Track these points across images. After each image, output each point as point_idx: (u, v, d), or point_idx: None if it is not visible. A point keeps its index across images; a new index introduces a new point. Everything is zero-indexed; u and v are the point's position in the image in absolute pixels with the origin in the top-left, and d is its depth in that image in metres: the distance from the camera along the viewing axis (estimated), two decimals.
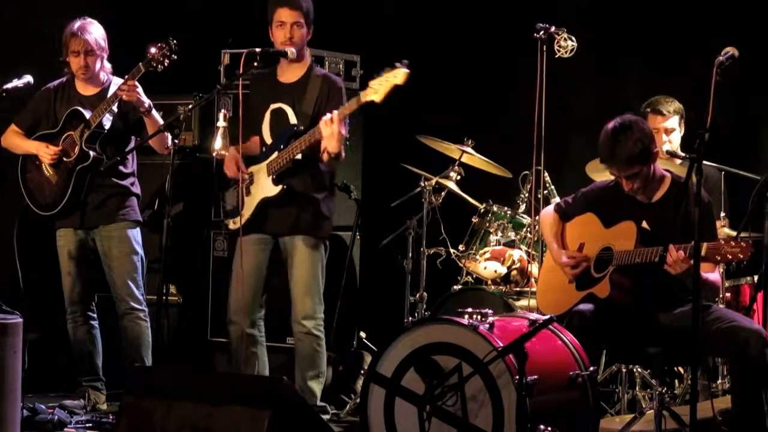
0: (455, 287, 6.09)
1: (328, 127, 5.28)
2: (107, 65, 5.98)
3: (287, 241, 5.59)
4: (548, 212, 5.28)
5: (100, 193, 5.89)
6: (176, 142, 5.24)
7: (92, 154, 5.80)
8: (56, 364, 6.38)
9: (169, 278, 6.32)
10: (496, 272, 5.98)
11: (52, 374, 6.33)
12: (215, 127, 5.45)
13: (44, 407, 5.52)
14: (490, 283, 6.03)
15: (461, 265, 6.17)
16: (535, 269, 5.92)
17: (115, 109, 5.82)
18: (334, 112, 5.31)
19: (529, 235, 6.01)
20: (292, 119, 5.57)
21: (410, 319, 6.14)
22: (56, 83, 6.03)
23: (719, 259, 4.50)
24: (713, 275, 4.85)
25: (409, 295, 6.21)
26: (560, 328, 4.58)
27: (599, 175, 5.61)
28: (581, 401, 4.42)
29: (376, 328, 6.65)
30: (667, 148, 5.75)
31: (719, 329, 4.66)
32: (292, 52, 5.52)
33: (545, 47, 5.51)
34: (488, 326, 4.25)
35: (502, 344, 4.14)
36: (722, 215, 5.55)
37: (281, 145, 5.53)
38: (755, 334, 4.61)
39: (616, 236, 4.89)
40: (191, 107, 5.70)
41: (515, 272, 5.97)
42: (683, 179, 4.46)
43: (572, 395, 4.40)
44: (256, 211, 5.58)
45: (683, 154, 5.64)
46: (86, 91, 5.95)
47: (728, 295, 5.62)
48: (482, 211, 6.19)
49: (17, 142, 6.01)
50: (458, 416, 4.20)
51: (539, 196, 5.68)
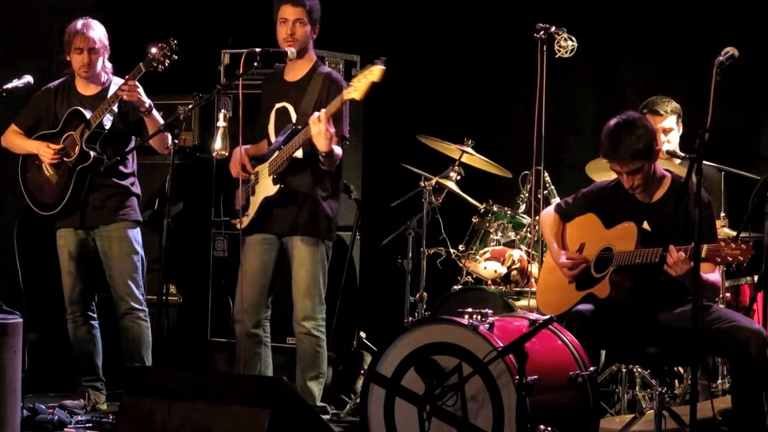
0: (455, 287, 6.09)
1: (315, 125, 5.28)
2: (108, 65, 5.98)
3: (288, 241, 5.59)
4: (548, 212, 5.28)
5: (100, 193, 5.89)
6: (176, 142, 5.23)
7: (93, 154, 5.80)
8: (56, 364, 6.38)
9: (169, 278, 6.32)
10: (496, 272, 5.98)
11: (52, 374, 6.33)
12: (215, 127, 5.46)
13: (44, 407, 5.52)
14: (490, 283, 6.03)
15: (461, 265, 6.17)
16: (535, 269, 5.91)
17: (115, 109, 5.82)
18: (321, 110, 5.30)
19: (529, 235, 6.00)
20: (293, 118, 5.57)
21: (410, 319, 6.14)
22: (56, 83, 6.03)
23: (719, 260, 4.50)
24: (714, 275, 4.85)
25: (409, 295, 6.21)
26: (560, 328, 4.58)
27: (599, 175, 5.60)
28: (581, 401, 4.42)
29: (376, 328, 6.65)
30: (666, 147, 5.75)
31: (719, 329, 4.66)
32: (291, 52, 5.51)
33: (545, 47, 5.51)
34: (488, 326, 4.25)
35: (502, 344, 4.14)
36: (722, 215, 5.56)
37: (281, 144, 5.53)
38: (755, 334, 4.61)
39: (616, 237, 4.89)
40: (191, 107, 5.70)
41: (515, 272, 5.97)
42: (683, 179, 4.46)
43: (572, 395, 4.40)
44: (258, 210, 5.57)
45: (683, 153, 5.64)
46: (86, 91, 5.95)
47: (728, 295, 5.62)
48: (482, 211, 6.18)
49: (17, 141, 6.00)
50: (458, 416, 4.20)
51: (539, 196, 5.67)
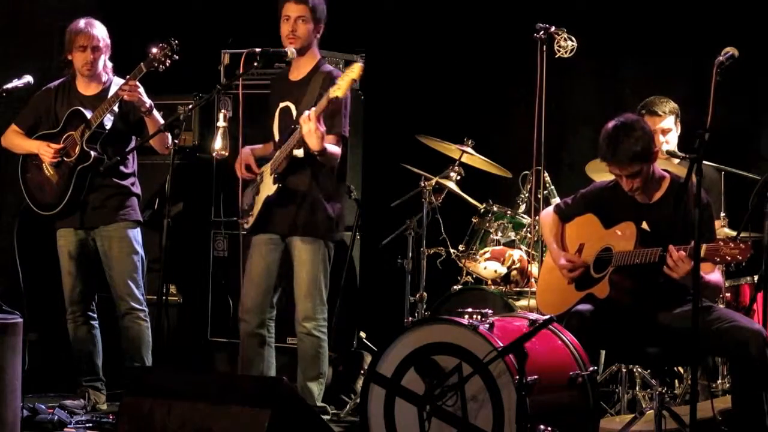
0: (455, 287, 6.09)
1: (305, 124, 5.27)
2: (109, 64, 5.98)
3: (290, 241, 5.58)
4: (548, 213, 5.28)
5: (100, 193, 5.89)
6: (176, 142, 5.23)
7: (93, 154, 5.80)
8: (56, 364, 6.38)
9: (169, 278, 6.33)
10: (496, 272, 5.97)
11: (52, 374, 6.33)
12: (215, 127, 5.46)
13: (44, 407, 5.52)
14: (490, 283, 6.03)
15: (461, 265, 6.17)
16: (535, 269, 5.91)
17: (116, 109, 5.82)
18: (311, 109, 5.29)
19: (529, 235, 6.00)
20: (295, 117, 5.55)
21: (410, 319, 6.14)
22: (57, 83, 6.03)
23: (718, 260, 4.50)
24: (715, 276, 4.84)
25: (409, 295, 6.20)
26: (560, 328, 4.58)
27: (599, 175, 5.60)
28: (581, 401, 4.42)
29: (376, 328, 6.65)
30: (665, 148, 5.75)
31: (719, 329, 4.65)
32: (291, 52, 5.50)
33: (545, 47, 5.51)
34: (488, 326, 4.25)
35: (502, 344, 4.14)
36: (722, 215, 5.56)
37: (282, 143, 5.53)
38: (755, 334, 4.61)
39: (615, 237, 4.89)
40: (191, 107, 5.70)
41: (515, 272, 5.97)
42: (682, 179, 4.46)
43: (572, 395, 4.40)
44: (261, 210, 5.57)
45: (682, 154, 5.64)
46: (87, 90, 5.95)
47: (728, 295, 5.61)
48: (482, 211, 6.18)
49: (18, 141, 6.00)
50: (458, 416, 4.20)
51: (539, 196, 5.68)
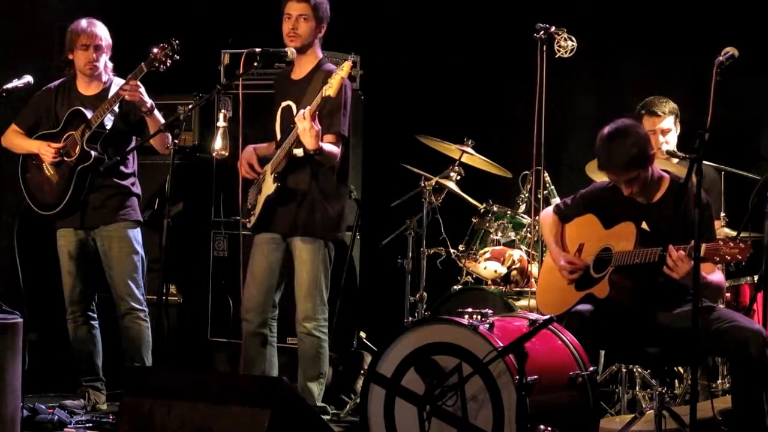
0: (455, 287, 6.08)
1: (300, 123, 5.27)
2: (109, 65, 5.97)
3: (291, 241, 5.58)
4: (548, 214, 5.28)
5: (100, 193, 5.88)
6: (176, 142, 5.23)
7: (93, 154, 5.79)
8: (56, 364, 6.38)
9: (169, 278, 6.33)
10: (496, 272, 5.97)
11: (52, 374, 6.33)
12: (215, 127, 5.46)
13: (44, 407, 5.52)
14: (490, 283, 6.03)
15: (461, 265, 6.16)
16: (535, 269, 5.91)
17: (116, 109, 5.82)
18: (307, 108, 5.29)
19: (529, 235, 6.00)
20: (295, 116, 5.55)
21: (410, 319, 6.14)
22: (57, 83, 6.02)
23: (718, 259, 4.49)
24: (717, 276, 4.83)
25: (409, 295, 6.20)
26: (560, 328, 4.58)
27: (599, 175, 5.59)
28: (581, 401, 4.42)
29: (376, 328, 6.65)
30: (666, 148, 5.75)
31: (719, 329, 4.65)
32: (291, 52, 5.50)
33: (545, 47, 5.51)
34: (488, 326, 4.25)
35: (502, 344, 4.14)
36: (722, 215, 5.56)
37: (283, 143, 5.53)
38: (755, 334, 4.61)
39: (615, 237, 4.89)
40: (191, 107, 5.70)
41: (515, 272, 5.96)
42: (682, 179, 4.46)
43: (572, 395, 4.40)
44: (262, 209, 5.57)
45: (682, 153, 5.64)
46: (87, 90, 5.95)
47: (728, 295, 5.61)
48: (482, 211, 6.18)
49: (18, 141, 6.00)
50: (458, 416, 4.20)
51: (539, 196, 5.68)
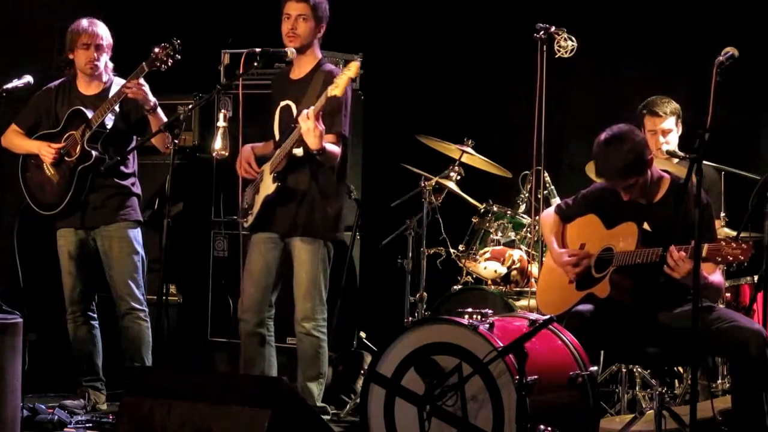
0: (455, 287, 6.09)
1: (304, 123, 5.26)
2: (110, 64, 5.97)
3: (290, 241, 5.58)
4: (549, 214, 5.28)
5: (101, 193, 5.88)
6: (176, 142, 5.23)
7: (94, 153, 5.79)
8: (56, 364, 6.38)
9: (169, 278, 6.33)
10: (496, 272, 5.98)
11: (52, 374, 6.33)
12: (215, 127, 5.46)
13: (44, 407, 5.52)
14: (490, 283, 6.03)
15: (461, 265, 6.17)
16: (535, 269, 5.91)
17: (117, 108, 5.82)
18: (310, 108, 5.29)
19: (529, 235, 6.00)
20: (295, 116, 5.55)
21: (410, 319, 6.14)
22: (57, 83, 6.02)
23: (719, 260, 4.49)
24: (716, 276, 4.83)
25: (409, 295, 6.21)
26: (560, 328, 4.58)
27: None
28: (581, 401, 4.42)
29: (376, 328, 6.65)
30: (666, 148, 5.75)
31: (719, 329, 4.65)
32: (291, 52, 5.50)
33: (545, 47, 5.51)
34: (488, 326, 4.25)
35: (502, 344, 4.14)
36: (722, 215, 5.56)
37: (282, 142, 5.52)
38: (755, 334, 4.61)
39: (617, 237, 4.89)
40: (191, 107, 5.69)
41: (515, 272, 5.97)
42: (682, 180, 4.46)
43: (572, 395, 4.40)
44: (260, 209, 5.57)
45: (682, 153, 5.64)
46: (88, 90, 5.94)
47: (728, 295, 5.62)
48: (482, 211, 6.18)
49: (18, 141, 6.00)
50: (458, 416, 4.20)
51: (539, 196, 5.68)
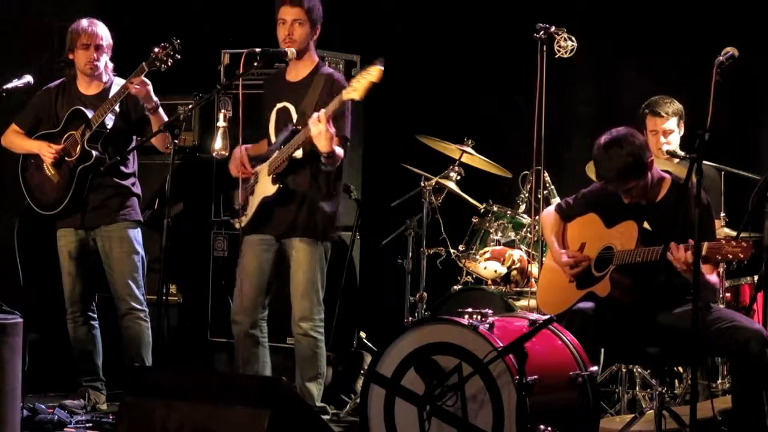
0: (455, 287, 6.09)
1: (315, 126, 5.26)
2: (110, 64, 5.97)
3: (287, 242, 5.58)
4: (549, 213, 5.28)
5: (101, 193, 5.88)
6: (176, 142, 5.23)
7: (95, 153, 5.79)
8: (56, 364, 6.38)
9: (169, 278, 6.33)
10: (496, 272, 5.98)
11: (52, 374, 6.33)
12: (215, 127, 5.46)
13: (44, 407, 5.52)
14: (490, 283, 6.03)
15: (461, 265, 6.17)
16: (535, 269, 5.91)
17: (117, 108, 5.82)
18: (321, 110, 5.29)
19: (529, 235, 6.00)
20: (294, 118, 5.54)
21: (410, 319, 6.14)
22: (57, 83, 6.02)
23: (720, 258, 4.50)
24: (712, 277, 4.84)
25: (409, 295, 6.21)
26: (560, 328, 4.58)
27: None
28: (581, 401, 4.42)
29: (376, 328, 6.65)
30: (666, 148, 5.75)
31: (719, 329, 4.65)
32: (291, 52, 5.50)
33: (545, 47, 5.51)
34: (488, 326, 4.25)
35: (502, 344, 4.14)
36: (722, 215, 5.56)
37: (281, 144, 5.52)
38: (755, 333, 4.61)
39: (617, 236, 4.89)
40: (191, 107, 5.68)
41: (515, 272, 5.97)
42: (683, 180, 4.46)
43: (572, 395, 4.40)
44: (256, 211, 5.57)
45: (683, 153, 5.64)
46: (88, 90, 5.94)
47: (728, 295, 5.61)
48: (482, 211, 6.18)
49: (18, 141, 6.00)
50: (458, 416, 4.20)
51: (539, 196, 5.67)
